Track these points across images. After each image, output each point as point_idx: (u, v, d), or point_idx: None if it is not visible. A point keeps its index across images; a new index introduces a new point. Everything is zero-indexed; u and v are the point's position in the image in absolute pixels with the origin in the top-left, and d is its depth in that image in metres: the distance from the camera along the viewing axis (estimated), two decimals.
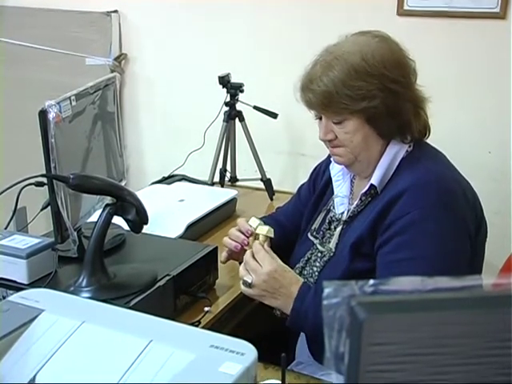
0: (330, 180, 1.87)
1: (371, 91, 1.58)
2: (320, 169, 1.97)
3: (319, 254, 1.77)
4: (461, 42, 2.71)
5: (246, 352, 0.99)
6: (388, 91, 1.60)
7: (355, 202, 1.73)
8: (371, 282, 0.70)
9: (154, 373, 0.97)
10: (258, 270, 1.61)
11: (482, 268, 1.74)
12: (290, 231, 1.96)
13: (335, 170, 1.84)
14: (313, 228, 1.84)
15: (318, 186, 1.93)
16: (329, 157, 1.86)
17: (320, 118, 1.70)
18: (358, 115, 1.61)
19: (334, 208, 1.81)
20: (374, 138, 1.66)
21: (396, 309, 0.69)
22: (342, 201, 1.80)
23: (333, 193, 1.84)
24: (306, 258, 1.80)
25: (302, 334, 1.85)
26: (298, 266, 1.81)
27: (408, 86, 1.65)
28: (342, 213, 1.78)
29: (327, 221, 1.81)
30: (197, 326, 1.70)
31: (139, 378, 0.98)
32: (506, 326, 0.68)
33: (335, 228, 1.77)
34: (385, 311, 0.69)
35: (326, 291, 0.71)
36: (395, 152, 1.67)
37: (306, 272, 1.78)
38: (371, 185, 1.66)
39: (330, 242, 1.76)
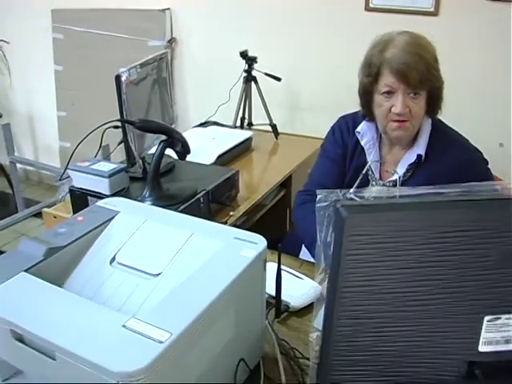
0: (357, 144, 1.58)
1: (440, 74, 1.43)
2: (347, 128, 1.61)
3: None
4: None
5: (258, 242, 0.97)
6: (440, 74, 1.46)
7: (401, 171, 1.49)
8: (351, 190, 0.66)
9: (195, 255, 0.96)
10: None
11: None
12: None
13: (365, 138, 1.56)
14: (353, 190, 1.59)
15: (347, 144, 1.60)
16: (354, 118, 1.60)
17: (388, 93, 1.42)
18: (429, 92, 1.42)
19: (372, 173, 1.55)
20: (424, 113, 1.47)
21: (369, 210, 0.65)
22: (376, 165, 1.56)
23: (363, 156, 1.57)
24: None
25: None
26: None
27: None
28: (386, 179, 1.53)
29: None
30: (224, 224, 1.68)
31: (185, 258, 0.96)
32: (452, 221, 0.64)
33: None
34: (361, 211, 0.65)
35: (318, 197, 0.67)
36: (427, 125, 1.50)
37: None
38: (418, 155, 1.46)
39: None
